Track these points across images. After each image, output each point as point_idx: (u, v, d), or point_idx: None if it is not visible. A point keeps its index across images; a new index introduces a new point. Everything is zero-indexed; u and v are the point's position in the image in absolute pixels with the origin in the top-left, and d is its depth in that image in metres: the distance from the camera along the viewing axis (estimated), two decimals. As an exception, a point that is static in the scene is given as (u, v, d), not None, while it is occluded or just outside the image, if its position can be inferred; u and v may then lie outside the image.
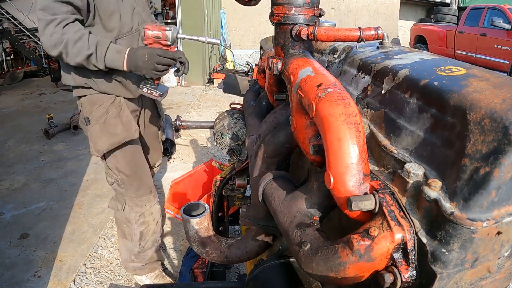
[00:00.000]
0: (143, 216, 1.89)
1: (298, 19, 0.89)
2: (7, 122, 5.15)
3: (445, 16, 11.75)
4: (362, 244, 0.56)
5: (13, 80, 8.15)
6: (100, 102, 1.64)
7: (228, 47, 8.48)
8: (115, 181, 1.81)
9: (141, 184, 1.83)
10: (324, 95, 0.67)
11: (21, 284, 2.16)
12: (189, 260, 2.05)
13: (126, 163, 1.75)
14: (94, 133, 1.66)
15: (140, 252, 1.98)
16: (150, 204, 1.90)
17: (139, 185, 1.82)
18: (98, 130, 1.65)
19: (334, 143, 0.62)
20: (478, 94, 0.56)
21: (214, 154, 3.99)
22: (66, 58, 1.43)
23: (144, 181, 1.84)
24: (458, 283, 0.56)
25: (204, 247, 1.11)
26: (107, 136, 1.65)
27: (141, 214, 1.88)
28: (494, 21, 7.72)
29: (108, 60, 1.44)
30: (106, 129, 1.64)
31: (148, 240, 1.97)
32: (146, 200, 1.87)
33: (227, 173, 1.75)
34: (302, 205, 0.78)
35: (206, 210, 1.11)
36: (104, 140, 1.66)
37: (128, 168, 1.76)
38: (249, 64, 3.72)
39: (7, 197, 3.12)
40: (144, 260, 2.02)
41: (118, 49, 1.45)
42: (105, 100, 1.64)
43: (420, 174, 0.58)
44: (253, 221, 1.10)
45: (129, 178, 1.78)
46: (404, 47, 0.96)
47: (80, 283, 2.17)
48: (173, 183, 2.53)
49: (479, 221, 0.50)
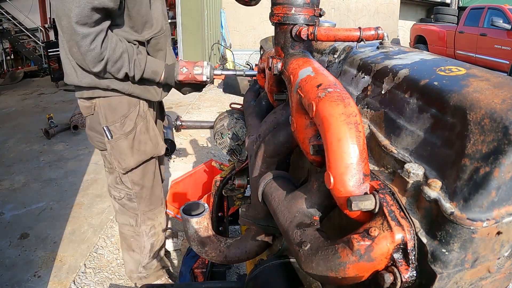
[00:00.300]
0: (154, 228, 1.82)
1: (298, 19, 0.89)
2: (7, 122, 5.15)
3: (445, 16, 11.76)
4: (362, 244, 0.56)
5: (13, 80, 8.15)
6: (124, 112, 1.49)
7: (228, 47, 8.48)
8: (125, 195, 1.69)
9: (154, 197, 1.76)
10: (324, 95, 0.67)
11: (21, 284, 2.16)
12: (189, 260, 2.05)
13: (143, 175, 1.65)
14: (120, 149, 1.53)
15: (148, 263, 1.93)
16: (161, 215, 1.84)
17: (152, 198, 1.75)
18: (126, 147, 1.52)
19: (334, 143, 0.62)
20: (478, 94, 0.56)
21: (214, 154, 3.99)
22: (105, 74, 1.38)
23: (157, 193, 1.77)
24: (458, 283, 0.56)
25: (203, 247, 1.11)
26: (137, 153, 1.55)
27: (152, 226, 1.81)
28: (494, 21, 7.72)
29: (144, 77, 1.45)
30: (135, 146, 1.54)
31: (157, 250, 1.92)
32: (158, 212, 1.81)
33: (227, 173, 1.75)
34: (302, 205, 0.78)
35: (206, 209, 1.11)
36: (134, 157, 1.55)
37: (144, 181, 1.67)
38: (249, 64, 3.71)
39: (7, 197, 3.12)
40: (151, 269, 1.97)
41: (154, 70, 1.45)
42: (129, 108, 1.50)
43: (420, 174, 0.58)
44: (252, 221, 1.10)
45: (142, 191, 1.69)
46: (404, 47, 0.96)
47: (80, 283, 2.17)
48: (173, 183, 2.53)
49: (479, 221, 0.50)
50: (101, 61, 1.31)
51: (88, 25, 1.23)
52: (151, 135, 1.58)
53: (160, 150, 1.63)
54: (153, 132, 1.59)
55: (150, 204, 1.75)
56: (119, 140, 1.51)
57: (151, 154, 1.60)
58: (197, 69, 1.48)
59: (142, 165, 1.62)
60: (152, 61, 1.46)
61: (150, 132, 1.57)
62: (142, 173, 1.64)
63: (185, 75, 1.48)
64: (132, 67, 1.38)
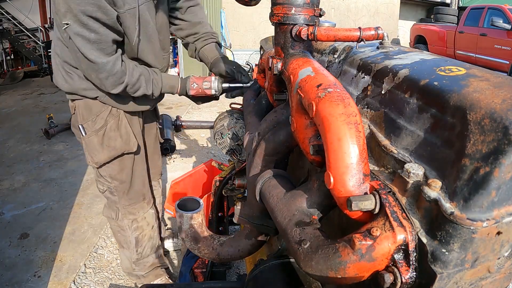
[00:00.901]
0: (136, 222, 1.86)
1: (298, 19, 0.89)
2: (7, 122, 5.15)
3: (445, 16, 11.76)
4: (364, 244, 0.56)
5: (13, 80, 8.15)
6: (97, 111, 1.60)
7: (228, 47, 8.48)
8: (107, 188, 1.77)
9: (134, 192, 1.80)
10: (324, 95, 0.67)
11: (21, 284, 2.16)
12: (189, 260, 2.05)
13: (120, 170, 1.72)
14: (91, 144, 1.64)
15: (139, 259, 1.95)
16: (144, 211, 1.87)
17: (132, 193, 1.79)
18: (96, 143, 1.62)
19: (334, 143, 0.62)
20: (478, 94, 0.56)
21: (214, 154, 3.99)
22: (125, 93, 1.49)
23: (138, 188, 1.81)
24: (458, 283, 0.56)
25: (196, 243, 1.11)
26: (106, 149, 1.63)
27: (133, 220, 1.85)
28: (494, 21, 7.73)
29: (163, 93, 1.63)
30: (105, 142, 1.63)
31: (145, 246, 1.93)
32: (140, 207, 1.85)
33: (227, 173, 1.75)
34: (302, 203, 0.78)
35: (201, 206, 1.11)
36: (103, 152, 1.64)
37: (122, 176, 1.73)
38: (249, 64, 3.70)
39: (7, 197, 3.12)
40: (146, 267, 1.98)
41: (171, 85, 1.62)
42: (102, 108, 1.60)
43: (420, 174, 0.58)
44: (247, 219, 1.10)
45: (122, 186, 1.75)
46: (404, 47, 0.96)
47: (80, 283, 2.17)
48: (173, 183, 2.53)
49: (479, 221, 0.50)
50: (121, 84, 1.43)
51: (107, 55, 1.35)
52: (122, 132, 1.65)
53: (131, 147, 1.69)
54: (125, 130, 1.66)
55: (130, 198, 1.80)
56: (91, 137, 1.62)
57: (122, 150, 1.67)
58: (206, 84, 1.64)
59: (118, 160, 1.69)
60: (167, 77, 1.62)
61: (122, 130, 1.65)
62: (119, 167, 1.72)
63: (195, 90, 1.64)
64: (150, 87, 1.52)
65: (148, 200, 1.90)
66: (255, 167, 1.07)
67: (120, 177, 1.73)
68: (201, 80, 1.64)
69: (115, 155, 1.66)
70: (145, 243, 1.93)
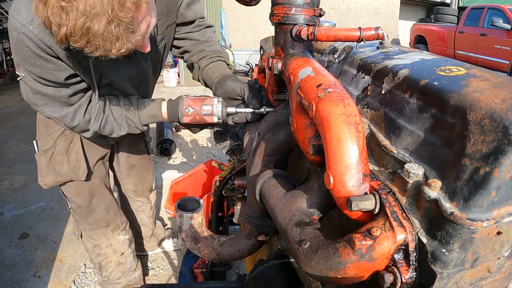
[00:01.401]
0: (99, 248, 1.74)
1: (298, 19, 0.89)
2: (7, 122, 5.15)
3: (445, 16, 11.77)
4: (364, 244, 0.56)
5: (13, 80, 8.14)
6: (51, 129, 1.47)
7: (228, 47, 8.48)
8: (70, 207, 1.66)
9: (94, 218, 1.66)
10: (324, 95, 0.67)
11: (21, 284, 2.16)
12: (189, 260, 2.05)
13: (77, 194, 1.59)
14: (40, 164, 1.52)
15: (106, 281, 1.85)
16: (107, 238, 1.73)
17: (91, 218, 1.66)
18: (44, 164, 1.50)
19: (333, 143, 0.62)
20: (478, 94, 0.56)
21: (214, 154, 3.99)
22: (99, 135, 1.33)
23: (99, 214, 1.66)
24: (458, 283, 0.56)
25: (196, 243, 1.10)
26: (52, 173, 1.51)
27: (95, 245, 1.74)
28: (494, 21, 7.73)
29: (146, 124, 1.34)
30: (51, 165, 1.49)
31: (112, 271, 1.82)
32: (101, 233, 1.71)
33: (227, 173, 1.75)
34: (302, 203, 0.78)
35: (201, 206, 1.10)
36: (49, 176, 1.52)
37: (78, 200, 1.60)
38: (249, 64, 3.70)
39: (7, 197, 3.12)
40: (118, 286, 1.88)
41: (151, 114, 1.30)
42: (55, 127, 1.46)
43: (420, 174, 0.58)
44: (247, 219, 1.10)
45: (80, 209, 1.63)
46: (404, 47, 0.96)
47: (80, 283, 2.17)
48: (173, 183, 2.53)
49: (479, 221, 0.50)
50: (87, 131, 1.28)
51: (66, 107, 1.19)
52: (71, 158, 1.49)
53: (79, 176, 1.52)
54: (75, 156, 1.50)
55: (89, 223, 1.67)
56: (40, 156, 1.50)
57: (68, 178, 1.52)
58: (206, 108, 1.23)
59: (74, 184, 1.55)
60: (146, 106, 1.30)
61: (71, 155, 1.49)
62: (75, 191, 1.58)
63: (191, 117, 1.24)
64: (124, 126, 1.29)
65: (114, 227, 1.74)
66: (255, 167, 1.07)
67: (77, 201, 1.60)
68: (199, 103, 1.23)
69: (60, 181, 1.53)
70: (112, 269, 1.81)
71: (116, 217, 1.75)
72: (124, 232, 1.81)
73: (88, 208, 1.63)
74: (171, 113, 1.28)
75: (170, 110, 1.28)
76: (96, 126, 1.26)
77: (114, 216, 1.74)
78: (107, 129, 1.28)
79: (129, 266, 1.86)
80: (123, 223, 1.81)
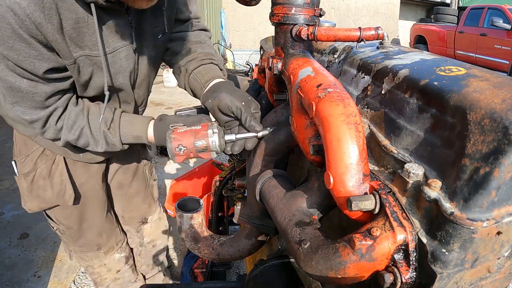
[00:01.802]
0: (92, 268, 1.59)
1: (298, 19, 0.89)
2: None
3: (445, 16, 11.78)
4: (364, 244, 0.57)
5: (13, 80, 8.13)
6: (30, 149, 1.29)
7: (228, 47, 8.48)
8: (56, 229, 1.47)
9: (85, 241, 1.49)
10: (324, 95, 0.67)
11: (21, 284, 2.16)
12: (189, 260, 2.05)
13: (66, 216, 1.41)
14: (22, 189, 1.34)
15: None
16: (99, 259, 1.56)
17: (82, 241, 1.49)
18: (25, 189, 1.32)
19: (333, 143, 0.62)
20: (478, 94, 0.56)
21: (214, 154, 3.98)
22: None
23: (90, 238, 1.49)
24: (458, 283, 0.56)
25: (196, 243, 1.10)
26: (36, 198, 1.33)
27: (88, 266, 1.59)
28: (494, 21, 7.74)
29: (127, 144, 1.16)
30: (34, 190, 1.31)
31: (109, 285, 1.67)
32: (94, 256, 1.55)
33: (227, 173, 1.75)
34: (302, 203, 0.78)
35: (201, 206, 1.10)
36: (33, 202, 1.34)
37: (68, 222, 1.42)
38: (249, 64, 3.71)
39: (7, 197, 3.12)
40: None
41: (135, 136, 1.14)
42: (34, 147, 1.28)
43: (420, 174, 0.58)
44: (247, 219, 1.10)
45: (70, 231, 1.45)
46: (404, 47, 0.96)
47: (80, 283, 2.17)
48: (173, 183, 2.53)
49: (479, 221, 0.50)
50: (58, 141, 1.11)
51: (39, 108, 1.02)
52: (55, 181, 1.30)
53: (66, 200, 1.33)
54: (59, 179, 1.30)
55: (80, 246, 1.51)
56: (20, 179, 1.33)
57: (53, 203, 1.34)
58: (200, 144, 1.03)
59: (60, 208, 1.39)
60: (129, 123, 1.13)
61: (55, 178, 1.30)
62: (64, 214, 1.41)
63: (184, 156, 1.05)
64: (102, 141, 1.12)
65: (108, 249, 1.57)
66: (255, 167, 1.07)
67: (67, 223, 1.43)
68: (190, 139, 1.03)
69: (45, 207, 1.36)
70: (108, 283, 1.66)
71: (109, 239, 1.56)
72: (120, 250, 1.63)
73: (78, 231, 1.46)
74: (158, 139, 1.13)
75: (157, 136, 1.12)
76: (68, 136, 1.09)
77: (107, 239, 1.56)
78: (81, 142, 1.11)
79: (127, 279, 1.72)
80: (119, 242, 1.62)
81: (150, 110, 4.56)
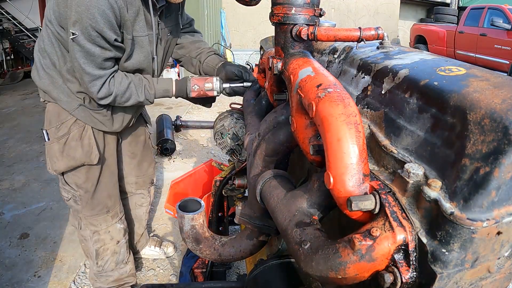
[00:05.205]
0: (98, 234, 1.83)
1: (298, 19, 0.89)
2: (7, 122, 5.15)
3: (445, 16, 11.77)
4: (364, 244, 0.56)
5: (13, 80, 8.14)
6: (63, 118, 1.59)
7: (228, 47, 8.48)
8: (71, 197, 1.74)
9: (97, 203, 1.77)
10: (324, 95, 0.67)
11: (21, 284, 2.16)
12: (189, 260, 2.05)
13: (86, 179, 1.70)
14: (52, 151, 1.62)
15: (100, 272, 1.91)
16: (107, 224, 1.83)
17: (94, 203, 1.76)
18: (57, 150, 1.60)
19: (333, 143, 0.62)
20: (478, 94, 0.56)
21: (214, 154, 3.99)
22: (115, 104, 1.52)
23: (101, 199, 1.78)
24: (458, 283, 0.56)
25: (198, 244, 1.11)
26: (66, 157, 1.62)
27: (95, 231, 1.82)
28: (494, 21, 7.73)
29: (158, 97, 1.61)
30: (65, 150, 1.61)
31: (108, 261, 1.89)
32: (102, 220, 1.81)
33: (227, 173, 1.75)
34: (302, 204, 0.78)
35: (202, 206, 1.10)
36: (63, 161, 1.62)
37: (87, 185, 1.71)
38: (249, 64, 3.70)
39: (7, 197, 3.12)
40: (108, 281, 1.94)
41: (165, 89, 1.60)
42: (69, 117, 1.59)
43: (420, 174, 0.58)
44: (248, 220, 1.10)
45: (86, 195, 1.72)
46: (404, 47, 0.96)
47: (80, 283, 2.17)
48: (173, 183, 2.53)
49: (479, 221, 0.50)
50: (110, 96, 1.45)
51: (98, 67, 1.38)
52: (84, 143, 1.63)
53: (92, 159, 1.65)
54: (88, 141, 1.64)
55: (92, 209, 1.76)
56: (52, 143, 1.61)
57: (81, 162, 1.64)
58: (208, 85, 1.61)
59: (85, 170, 1.68)
60: (160, 81, 1.60)
61: (84, 141, 1.63)
62: (85, 177, 1.69)
63: (197, 92, 1.62)
64: (142, 93, 1.53)
65: (114, 214, 1.85)
66: (255, 167, 1.07)
67: (86, 186, 1.71)
68: (202, 82, 1.62)
69: (74, 165, 1.64)
70: (108, 257, 1.89)
71: (116, 204, 1.87)
72: (121, 221, 1.92)
73: (93, 194, 1.74)
74: (179, 89, 1.62)
75: (178, 87, 1.61)
76: (119, 89, 1.45)
77: (114, 204, 1.85)
78: (126, 95, 1.49)
79: (122, 258, 1.94)
80: (121, 212, 1.92)
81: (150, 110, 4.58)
